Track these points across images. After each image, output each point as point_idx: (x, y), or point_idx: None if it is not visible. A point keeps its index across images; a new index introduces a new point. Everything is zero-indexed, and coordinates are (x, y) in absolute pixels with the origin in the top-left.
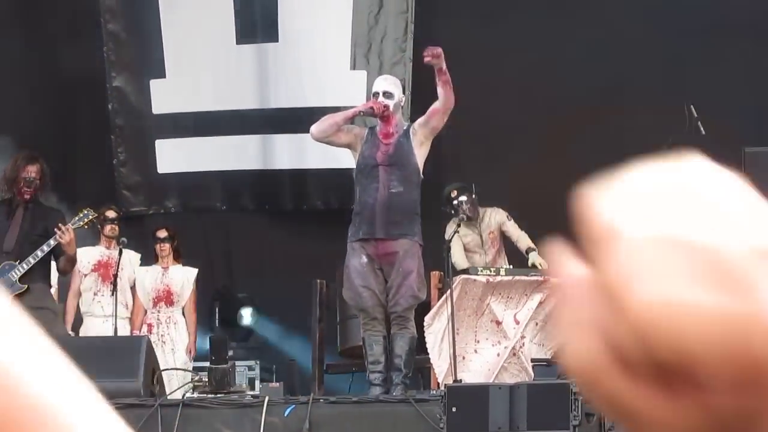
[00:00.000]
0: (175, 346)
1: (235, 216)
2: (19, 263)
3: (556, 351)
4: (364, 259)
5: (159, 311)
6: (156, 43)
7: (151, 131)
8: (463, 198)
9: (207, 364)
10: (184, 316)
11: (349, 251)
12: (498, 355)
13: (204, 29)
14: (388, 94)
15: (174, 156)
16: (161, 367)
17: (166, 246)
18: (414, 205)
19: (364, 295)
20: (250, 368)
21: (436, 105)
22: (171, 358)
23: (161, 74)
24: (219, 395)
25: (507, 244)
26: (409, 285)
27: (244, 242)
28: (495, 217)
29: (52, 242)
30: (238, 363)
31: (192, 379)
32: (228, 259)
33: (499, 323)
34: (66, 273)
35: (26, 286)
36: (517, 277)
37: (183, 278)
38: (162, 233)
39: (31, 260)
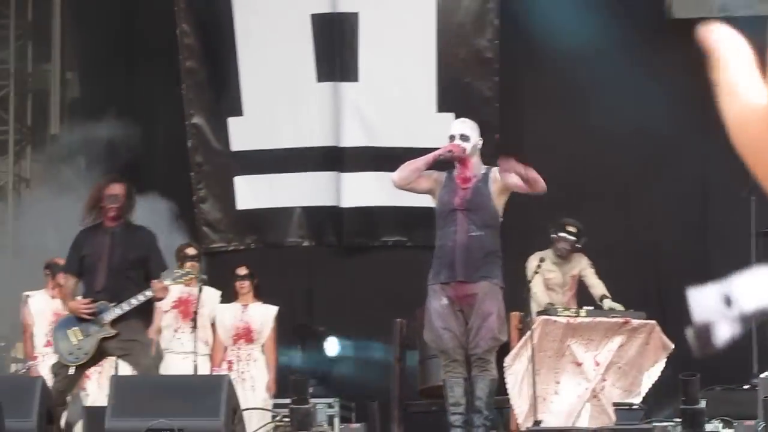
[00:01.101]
0: (255, 383)
1: (313, 252)
2: (114, 306)
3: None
4: (445, 301)
5: (239, 348)
6: (233, 81)
7: (230, 168)
8: (573, 238)
9: (287, 401)
10: (264, 354)
11: (430, 294)
12: (579, 396)
13: (282, 67)
14: (464, 137)
15: (252, 192)
16: (242, 406)
17: (246, 283)
18: (493, 247)
19: (444, 337)
20: (330, 406)
21: (521, 183)
22: (251, 395)
23: (239, 112)
24: None
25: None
26: (489, 327)
27: (324, 279)
28: (580, 262)
29: (148, 294)
30: (317, 401)
31: (273, 418)
32: (308, 296)
33: (579, 365)
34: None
35: (115, 332)
36: (597, 319)
37: (263, 316)
38: (242, 271)
39: (126, 307)
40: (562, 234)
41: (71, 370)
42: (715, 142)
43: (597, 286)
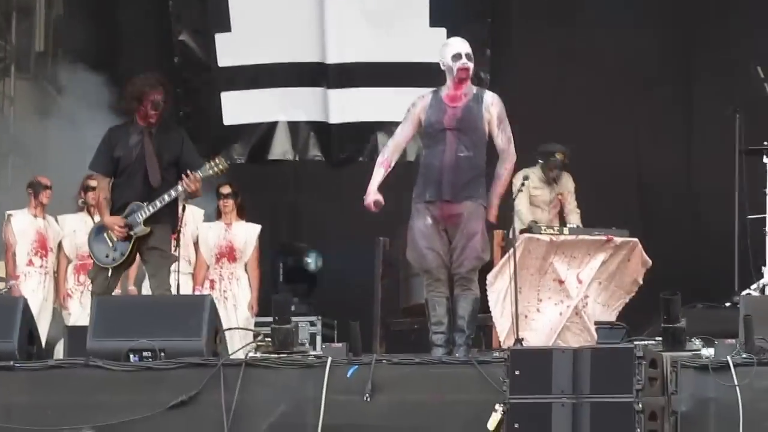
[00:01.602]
0: (237, 302)
1: (300, 167)
2: (146, 204)
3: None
4: (429, 220)
5: (222, 267)
6: None
7: (217, 83)
8: (561, 162)
9: (269, 319)
10: (247, 272)
11: (414, 212)
12: (560, 314)
13: None
14: (470, 56)
15: (239, 108)
16: (224, 325)
17: (230, 202)
18: (480, 168)
19: (428, 257)
20: (312, 324)
21: (504, 151)
22: (233, 314)
23: (226, 28)
24: (282, 355)
25: None
26: (473, 246)
27: (309, 195)
28: (567, 183)
29: (179, 188)
30: (299, 318)
31: (254, 338)
32: (293, 212)
33: (561, 282)
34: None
35: (149, 228)
36: (580, 237)
37: (246, 234)
38: (226, 189)
39: (158, 204)
40: (551, 160)
41: (109, 273)
42: (700, 60)
43: (572, 214)
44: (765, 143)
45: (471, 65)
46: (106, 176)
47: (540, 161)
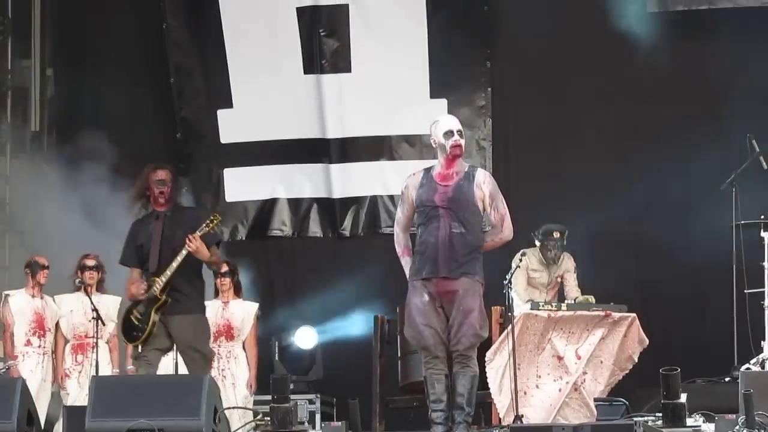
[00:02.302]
0: (236, 380)
1: (298, 243)
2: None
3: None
4: (426, 297)
5: (219, 346)
6: (222, 73)
7: (219, 160)
8: (560, 243)
9: (268, 397)
10: (245, 350)
11: (411, 290)
12: (560, 390)
13: (270, 60)
14: (461, 133)
15: (241, 184)
16: (223, 404)
17: (227, 280)
18: (475, 244)
19: (425, 334)
20: (311, 402)
21: (496, 227)
22: (231, 392)
23: (228, 104)
24: None
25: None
26: (470, 323)
27: (308, 270)
28: (567, 264)
29: (184, 252)
30: (298, 397)
31: (254, 417)
32: (290, 288)
33: (560, 358)
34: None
35: (164, 297)
36: (578, 312)
37: (243, 312)
38: (223, 268)
39: (168, 273)
40: (550, 243)
41: (141, 349)
42: (697, 132)
43: (573, 292)
44: (762, 216)
45: (463, 142)
46: (136, 267)
47: (538, 242)
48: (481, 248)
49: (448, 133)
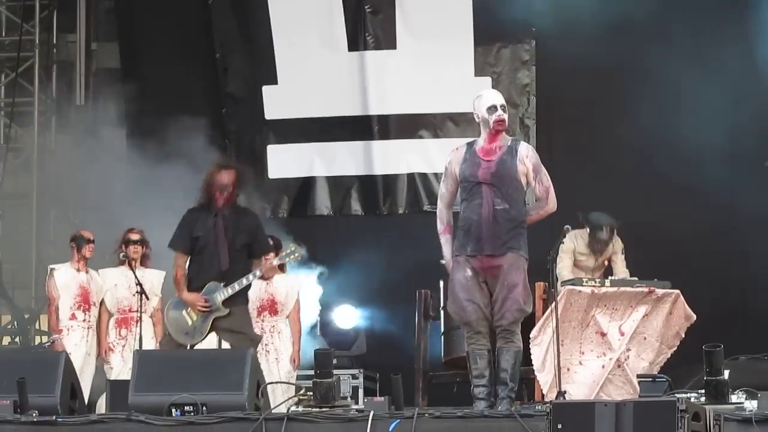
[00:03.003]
0: (279, 355)
1: (341, 221)
2: (224, 286)
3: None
4: (469, 272)
5: (263, 321)
6: (268, 49)
7: (263, 136)
8: (606, 239)
9: (311, 372)
10: (289, 326)
11: (454, 265)
12: (603, 367)
13: (315, 36)
14: (504, 108)
15: (284, 161)
16: (266, 379)
17: (271, 255)
18: (518, 219)
19: (468, 309)
20: (354, 377)
21: (541, 199)
22: (275, 367)
23: (273, 80)
24: (323, 409)
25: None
26: (514, 298)
27: (351, 247)
28: (615, 245)
29: (257, 273)
30: (341, 372)
31: (297, 392)
32: (333, 265)
33: (604, 335)
34: None
35: (228, 310)
36: (622, 288)
37: (287, 287)
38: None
39: (237, 287)
40: (597, 234)
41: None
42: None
43: (621, 273)
44: None
45: (506, 116)
46: (185, 254)
47: (588, 230)
48: (524, 223)
49: (492, 108)
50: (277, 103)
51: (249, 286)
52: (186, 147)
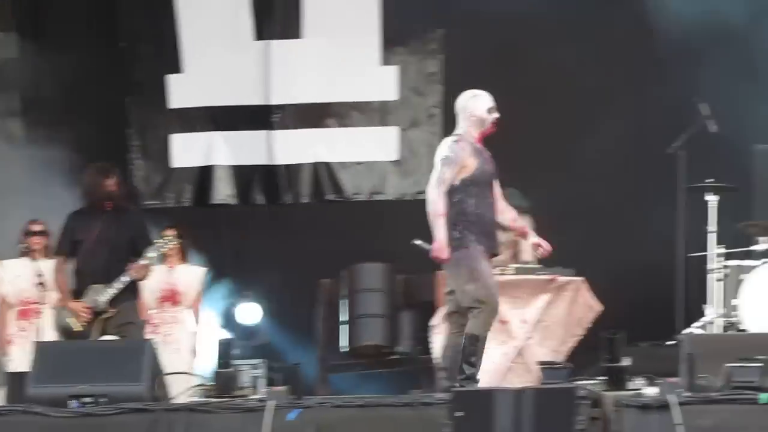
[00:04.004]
0: (179, 345)
1: (243, 210)
2: (105, 287)
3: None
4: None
5: (164, 311)
6: (173, 38)
7: (166, 125)
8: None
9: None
10: (190, 316)
11: (477, 255)
12: (505, 355)
13: (221, 25)
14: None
15: (187, 150)
16: (166, 370)
17: (174, 245)
18: None
19: (498, 297)
20: (255, 367)
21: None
22: (175, 357)
23: (178, 69)
24: (223, 399)
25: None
26: None
27: (253, 239)
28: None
29: (128, 279)
30: (242, 362)
31: (197, 382)
32: (237, 255)
33: (505, 323)
34: None
35: (117, 309)
36: (524, 276)
37: (189, 277)
38: (170, 232)
39: (119, 286)
40: None
41: None
42: (646, 97)
43: (527, 254)
44: (707, 180)
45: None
46: (67, 259)
47: None
48: None
49: (492, 108)
50: (182, 91)
51: (132, 282)
52: (86, 136)
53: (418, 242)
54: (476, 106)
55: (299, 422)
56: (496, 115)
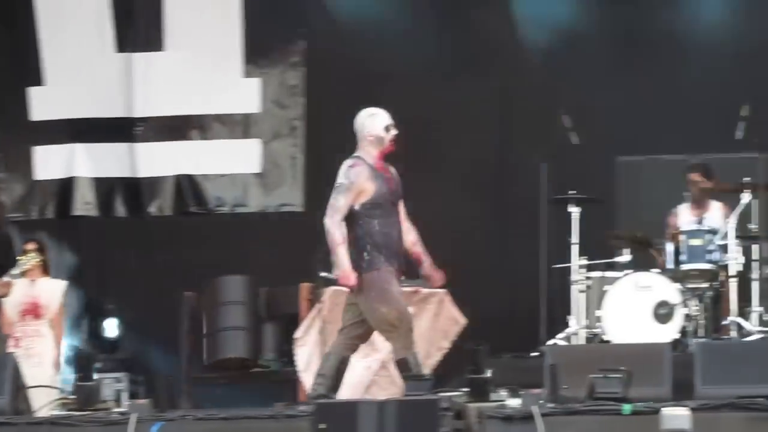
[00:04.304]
0: (41, 359)
1: (106, 223)
2: None
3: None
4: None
5: (26, 324)
6: (34, 50)
7: (29, 138)
8: None
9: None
10: (52, 329)
11: (387, 276)
12: (368, 368)
13: (82, 37)
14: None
15: (50, 162)
16: (28, 383)
17: (35, 261)
18: None
19: (409, 316)
20: (118, 380)
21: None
22: (38, 370)
23: (39, 81)
24: (86, 413)
25: None
26: None
27: (116, 250)
28: None
29: None
30: (105, 375)
31: (59, 395)
32: (100, 267)
33: None
34: None
35: None
36: None
37: (51, 291)
38: (30, 246)
39: None
40: None
41: None
42: (511, 108)
43: None
44: (570, 192)
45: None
46: None
47: None
48: None
49: (390, 126)
50: (43, 104)
51: None
52: None
53: (323, 273)
54: (373, 125)
55: None
56: (394, 132)
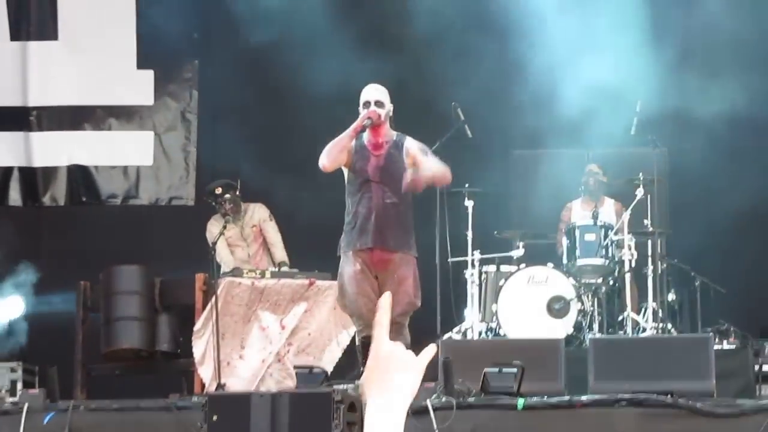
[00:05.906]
0: None
1: (3, 211)
2: None
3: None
4: (358, 266)
5: None
6: None
7: None
8: (227, 195)
9: None
10: None
11: (343, 260)
12: (263, 361)
13: None
14: (379, 103)
15: None
16: None
17: None
18: (408, 218)
19: (359, 302)
20: (13, 370)
21: (426, 167)
22: None
23: None
24: None
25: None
26: (405, 291)
27: (13, 238)
28: (258, 213)
29: None
30: None
31: None
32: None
33: (264, 329)
34: None
35: None
36: (282, 281)
37: None
38: None
39: None
40: (218, 200)
41: None
42: (404, 99)
43: (277, 245)
44: (466, 185)
45: (383, 112)
46: None
47: (212, 202)
48: (412, 224)
49: (366, 104)
50: None
51: None
52: None
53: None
54: (360, 103)
55: (54, 425)
56: (371, 109)
